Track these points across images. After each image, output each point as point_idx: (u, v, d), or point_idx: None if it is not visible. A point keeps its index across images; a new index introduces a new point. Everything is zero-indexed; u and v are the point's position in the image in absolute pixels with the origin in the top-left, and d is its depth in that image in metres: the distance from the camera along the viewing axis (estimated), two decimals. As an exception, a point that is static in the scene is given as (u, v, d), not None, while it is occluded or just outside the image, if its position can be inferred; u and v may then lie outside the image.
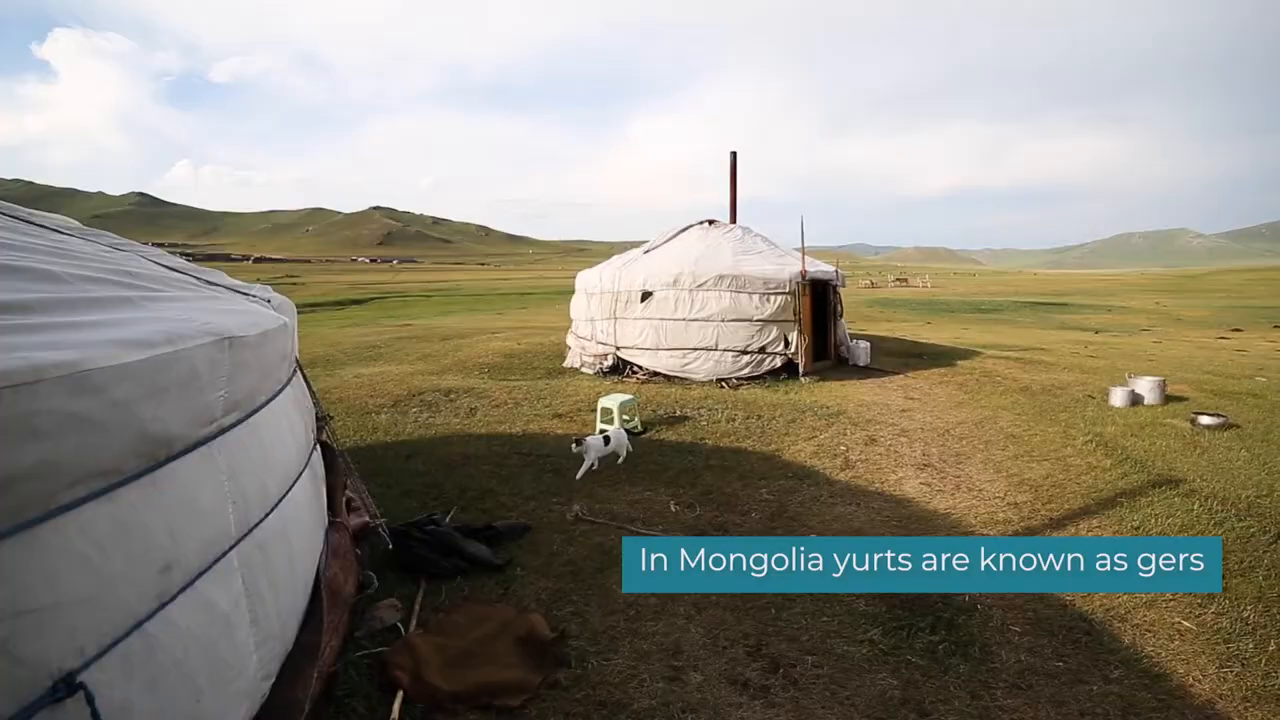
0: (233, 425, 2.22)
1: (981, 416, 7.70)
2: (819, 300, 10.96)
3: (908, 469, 5.91)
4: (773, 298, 9.90)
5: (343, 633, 3.13)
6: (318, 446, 3.66)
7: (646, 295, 10.32)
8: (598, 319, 10.90)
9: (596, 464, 5.24)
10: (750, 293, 9.92)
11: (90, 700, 1.49)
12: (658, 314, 10.21)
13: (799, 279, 9.98)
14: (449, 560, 3.91)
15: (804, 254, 10.45)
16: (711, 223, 12.40)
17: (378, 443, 6.58)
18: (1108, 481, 5.48)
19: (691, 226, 12.39)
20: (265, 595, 2.40)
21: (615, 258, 12.11)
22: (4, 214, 2.66)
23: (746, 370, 9.83)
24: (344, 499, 3.86)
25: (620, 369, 10.42)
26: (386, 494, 5.03)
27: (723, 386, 9.39)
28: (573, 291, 12.01)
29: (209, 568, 2.04)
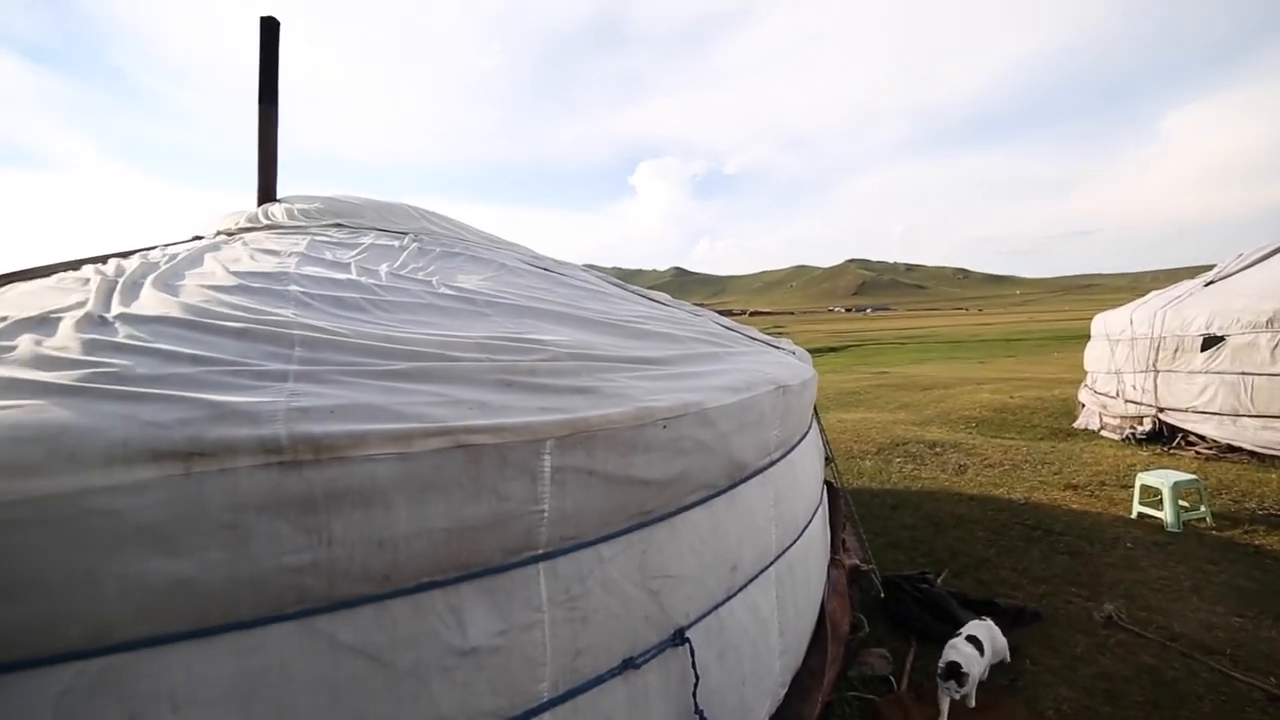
0: (779, 459, 2.65)
1: None
2: None
3: None
4: None
5: (839, 668, 3.29)
6: (825, 485, 4.01)
7: (1212, 341, 7.75)
8: (1126, 371, 8.74)
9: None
10: None
11: (692, 652, 1.99)
12: (1234, 366, 7.53)
13: None
14: (941, 625, 3.69)
15: None
16: (1341, 237, 8.53)
17: (863, 488, 6.74)
18: None
19: (1296, 244, 8.78)
20: (789, 611, 2.75)
21: (1153, 294, 9.56)
22: (636, 293, 3.88)
23: None
24: (842, 539, 4.10)
25: (1165, 437, 8.05)
26: (872, 542, 5.08)
27: (1370, 481, 6.22)
28: (1079, 336, 10.02)
29: (757, 575, 2.48)
